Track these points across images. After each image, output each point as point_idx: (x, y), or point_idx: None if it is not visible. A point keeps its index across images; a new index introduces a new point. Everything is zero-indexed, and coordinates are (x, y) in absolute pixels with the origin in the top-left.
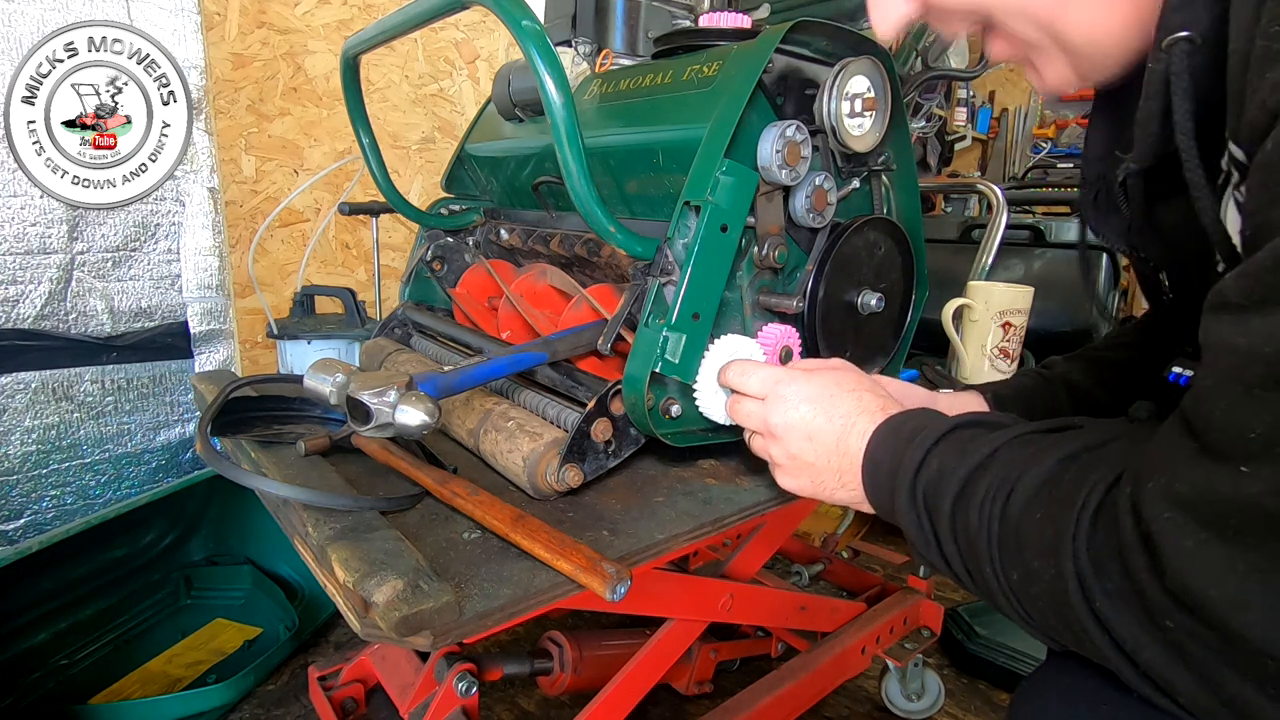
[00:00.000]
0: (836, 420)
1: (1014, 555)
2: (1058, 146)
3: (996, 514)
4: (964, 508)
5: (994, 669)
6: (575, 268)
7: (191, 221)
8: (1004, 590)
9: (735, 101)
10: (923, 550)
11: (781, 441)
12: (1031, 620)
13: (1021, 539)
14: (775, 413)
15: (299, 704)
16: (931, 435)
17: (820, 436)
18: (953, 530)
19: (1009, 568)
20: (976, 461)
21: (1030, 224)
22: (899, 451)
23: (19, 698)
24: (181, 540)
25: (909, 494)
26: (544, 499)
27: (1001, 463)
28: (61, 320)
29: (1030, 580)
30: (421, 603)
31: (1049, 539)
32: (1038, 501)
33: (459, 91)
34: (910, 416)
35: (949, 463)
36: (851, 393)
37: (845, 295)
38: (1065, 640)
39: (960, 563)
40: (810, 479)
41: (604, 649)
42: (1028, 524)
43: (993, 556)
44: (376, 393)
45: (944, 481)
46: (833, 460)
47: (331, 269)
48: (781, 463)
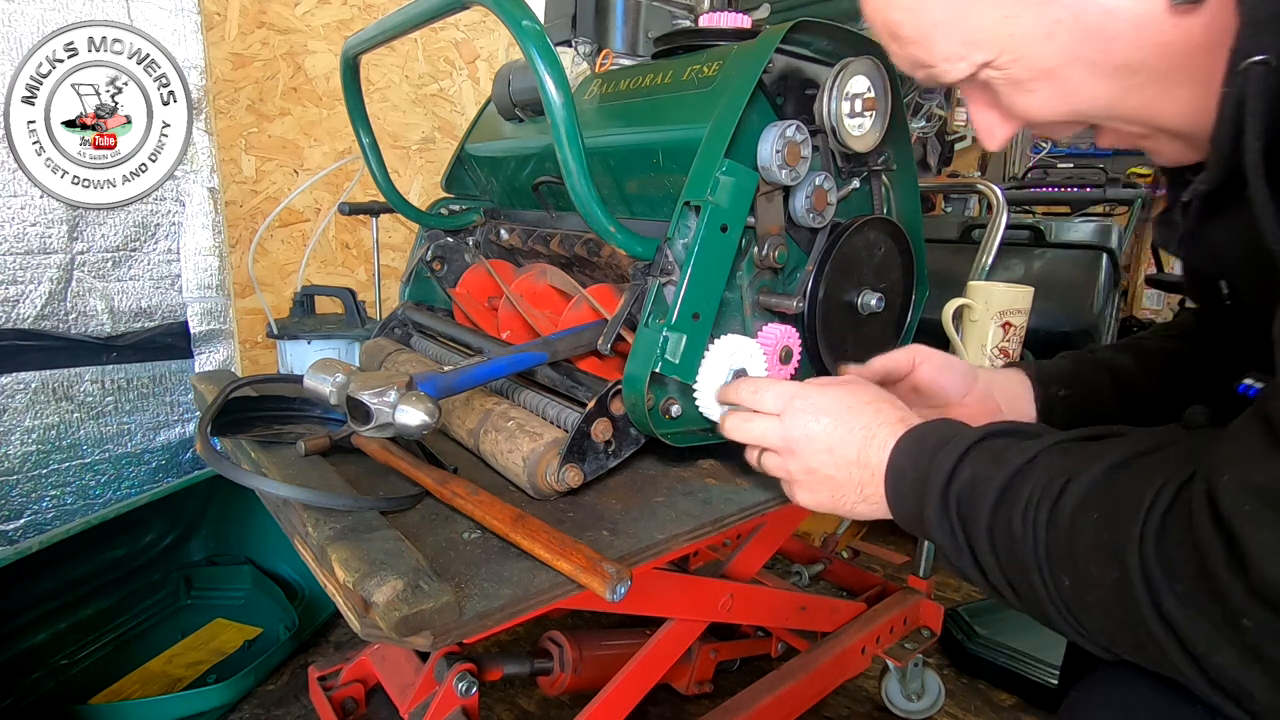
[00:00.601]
0: (857, 432)
1: (1066, 561)
2: (1058, 146)
3: (1044, 520)
4: (1005, 516)
5: (994, 669)
6: (575, 268)
7: (191, 221)
8: (1053, 599)
9: (735, 101)
10: (954, 560)
11: (800, 456)
12: (1083, 629)
13: (1075, 544)
14: (794, 427)
15: (299, 704)
16: (961, 444)
17: (840, 448)
18: (991, 539)
19: (1060, 574)
20: (1015, 469)
21: (1030, 224)
22: (926, 461)
23: (19, 698)
24: (181, 540)
25: (940, 503)
26: (544, 499)
27: (1043, 469)
28: (61, 320)
29: (1085, 587)
30: (421, 603)
31: (1109, 543)
32: (1092, 505)
33: (459, 91)
34: (935, 427)
35: (984, 471)
36: (870, 404)
37: (845, 295)
38: (1122, 648)
39: (1000, 573)
40: (830, 493)
41: (604, 649)
42: (1082, 529)
43: (1040, 565)
44: (376, 393)
45: (979, 490)
46: (853, 472)
47: (331, 269)
48: (800, 478)
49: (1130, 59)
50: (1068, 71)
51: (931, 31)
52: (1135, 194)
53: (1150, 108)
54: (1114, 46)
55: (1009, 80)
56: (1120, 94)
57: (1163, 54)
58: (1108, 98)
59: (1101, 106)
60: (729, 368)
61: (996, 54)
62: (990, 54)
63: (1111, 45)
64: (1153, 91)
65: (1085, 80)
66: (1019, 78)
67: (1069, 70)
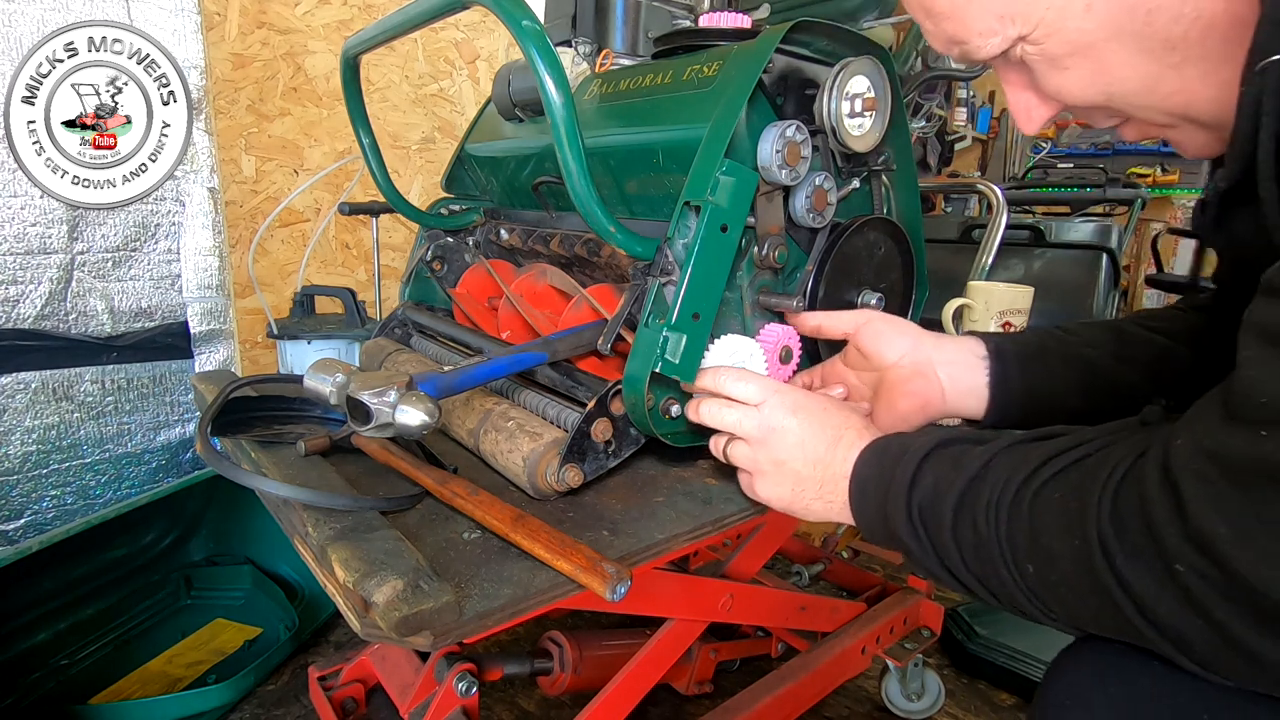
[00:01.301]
0: (828, 430)
1: (1029, 546)
2: (1058, 146)
3: (1004, 516)
4: (968, 517)
5: (994, 669)
6: (575, 268)
7: (191, 221)
8: (1021, 587)
9: (735, 101)
10: (922, 562)
11: (770, 447)
12: (1052, 612)
13: (1035, 528)
14: (771, 418)
15: (299, 704)
16: (918, 452)
17: (811, 444)
18: (956, 540)
19: (1024, 562)
20: (972, 473)
21: (1030, 224)
22: (888, 470)
23: (19, 698)
24: (181, 540)
25: (904, 510)
26: (544, 499)
27: (999, 468)
28: (61, 320)
29: (1049, 565)
30: (421, 603)
31: (1070, 516)
32: (1055, 486)
33: (459, 91)
34: (893, 439)
35: (942, 476)
36: (839, 412)
37: (845, 295)
38: (1088, 622)
39: (967, 572)
40: (792, 486)
41: (604, 649)
42: (1044, 510)
43: (1004, 556)
44: (376, 393)
45: (941, 494)
46: (817, 470)
47: (331, 269)
48: (765, 469)
49: (1170, 33)
50: (1105, 48)
51: (966, 5)
52: (1135, 194)
53: (1185, 92)
54: (1154, 19)
55: (1044, 56)
56: (1158, 74)
57: (1203, 29)
58: (1144, 78)
59: (1137, 89)
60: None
61: (1033, 28)
62: (1026, 28)
63: (1152, 17)
64: (1191, 73)
65: (1123, 58)
66: (1055, 53)
67: (1107, 46)
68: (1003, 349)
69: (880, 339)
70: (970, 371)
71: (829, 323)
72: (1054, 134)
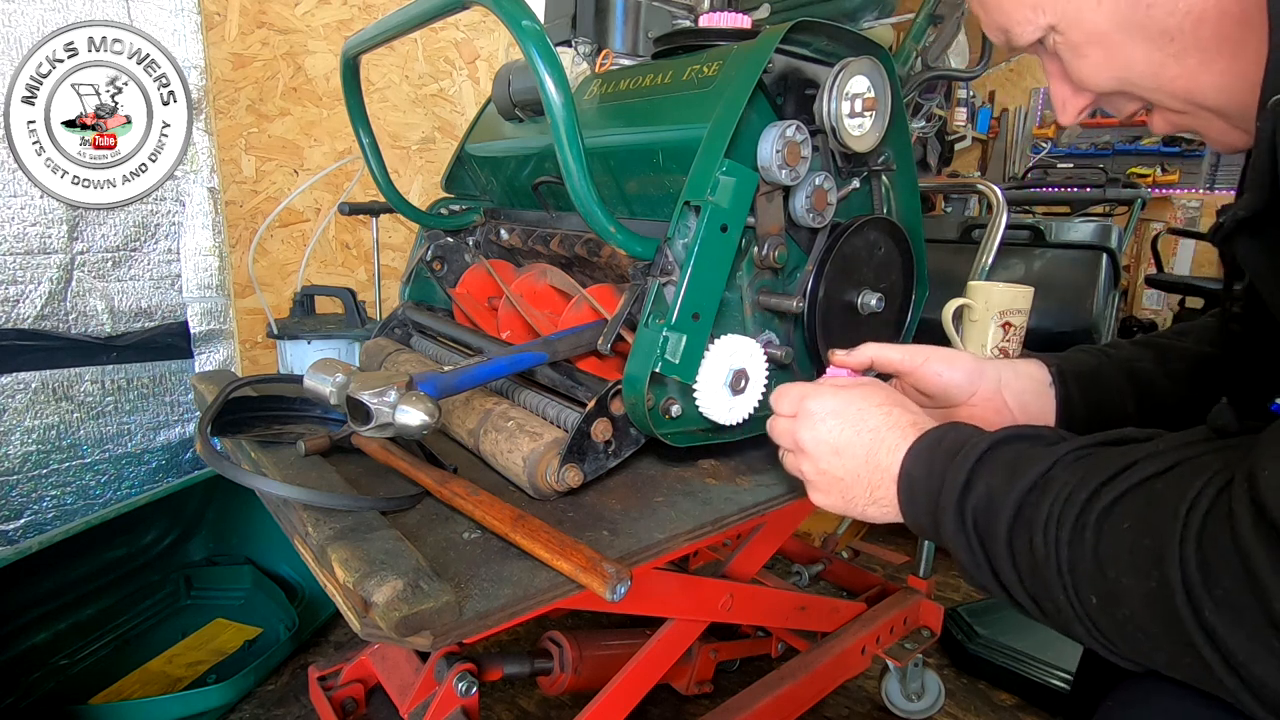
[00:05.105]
0: (865, 434)
1: (1093, 578)
2: (1058, 146)
3: (1066, 538)
4: (1024, 533)
5: (994, 669)
6: (575, 268)
7: (191, 221)
8: (1080, 618)
9: (735, 101)
10: (974, 573)
11: (811, 457)
12: (1113, 646)
13: (1102, 558)
14: (804, 428)
15: (299, 704)
16: (973, 453)
17: (848, 450)
18: (1011, 556)
19: (1086, 592)
20: (1030, 482)
21: (1030, 224)
22: (940, 470)
23: (19, 698)
24: (181, 540)
25: (956, 516)
26: (544, 499)
27: (1061, 480)
28: (61, 320)
29: (1115, 602)
30: (421, 603)
31: (1147, 550)
32: (1122, 515)
33: (459, 91)
34: (946, 432)
35: (998, 483)
36: (879, 407)
37: (845, 295)
38: (1157, 661)
39: (1022, 590)
40: (841, 495)
41: (604, 649)
42: (1112, 541)
43: (1064, 583)
44: (376, 393)
45: (995, 505)
46: (862, 474)
47: (331, 269)
48: (813, 479)
49: (1167, 24)
50: (1116, 37)
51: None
52: (1135, 194)
53: (1187, 78)
54: (1153, 12)
55: (1068, 45)
56: (1161, 61)
57: (1194, 22)
58: (1150, 65)
59: (1145, 75)
60: (729, 368)
61: (1059, 18)
62: (1054, 18)
63: (1151, 10)
64: (1191, 60)
65: (1130, 46)
66: (1076, 42)
67: (1117, 35)
68: (1064, 371)
69: (944, 382)
70: (1039, 399)
71: (880, 357)
72: (1054, 134)
